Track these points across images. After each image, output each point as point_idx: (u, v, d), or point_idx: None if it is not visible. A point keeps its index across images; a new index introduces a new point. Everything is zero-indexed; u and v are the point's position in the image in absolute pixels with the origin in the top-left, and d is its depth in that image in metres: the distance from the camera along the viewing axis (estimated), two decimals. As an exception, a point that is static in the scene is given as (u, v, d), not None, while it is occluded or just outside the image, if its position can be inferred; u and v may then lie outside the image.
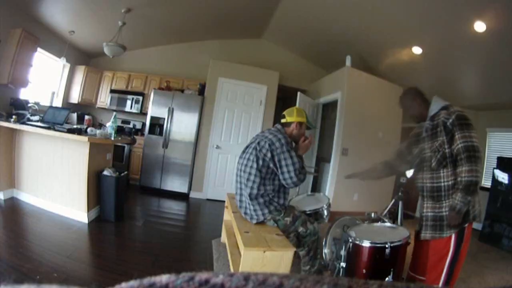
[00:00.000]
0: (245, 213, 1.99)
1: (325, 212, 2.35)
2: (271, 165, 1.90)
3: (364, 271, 1.67)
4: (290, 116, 2.07)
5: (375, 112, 4.41)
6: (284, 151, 1.88)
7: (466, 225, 1.62)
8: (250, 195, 1.92)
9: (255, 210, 1.92)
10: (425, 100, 1.80)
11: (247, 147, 2.10)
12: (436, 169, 1.66)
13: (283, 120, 2.10)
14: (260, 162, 1.91)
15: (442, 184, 1.65)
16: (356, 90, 4.26)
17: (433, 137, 1.69)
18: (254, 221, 1.92)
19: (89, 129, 2.98)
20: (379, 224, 1.96)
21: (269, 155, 1.89)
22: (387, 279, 1.62)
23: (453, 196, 1.58)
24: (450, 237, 1.63)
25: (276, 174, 1.93)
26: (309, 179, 5.02)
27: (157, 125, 4.58)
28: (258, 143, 1.96)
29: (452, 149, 1.60)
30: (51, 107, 3.83)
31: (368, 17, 3.70)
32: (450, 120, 1.60)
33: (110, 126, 3.00)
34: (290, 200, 2.47)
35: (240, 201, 2.04)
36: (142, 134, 4.98)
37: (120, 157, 4.70)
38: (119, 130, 3.73)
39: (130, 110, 5.13)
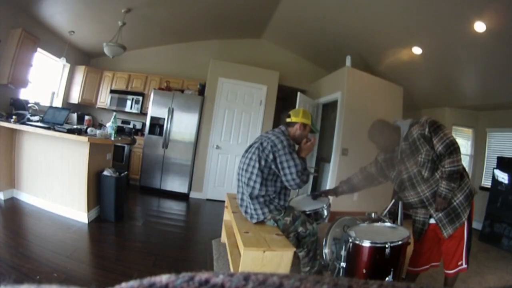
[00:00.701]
0: (246, 212, 1.99)
1: (325, 212, 2.35)
2: (273, 166, 1.90)
3: (364, 271, 1.67)
4: (296, 116, 2.08)
5: (375, 112, 4.39)
6: (286, 152, 1.88)
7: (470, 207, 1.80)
8: (250, 194, 1.93)
9: (255, 209, 1.92)
10: (391, 128, 1.93)
11: (250, 146, 2.10)
12: (430, 176, 1.79)
13: (288, 119, 2.11)
14: (262, 163, 1.91)
15: (440, 178, 1.79)
16: (356, 90, 4.26)
17: (414, 154, 1.81)
18: (254, 221, 1.92)
19: (89, 129, 2.98)
20: (379, 224, 1.96)
21: (271, 156, 1.89)
22: (387, 279, 1.62)
23: (439, 185, 1.76)
24: (464, 222, 1.80)
25: (278, 176, 1.94)
26: (309, 179, 5.02)
27: (157, 125, 4.58)
28: (261, 143, 1.97)
29: (436, 151, 1.75)
30: (51, 107, 3.83)
31: (368, 17, 3.70)
32: (427, 129, 1.75)
33: (110, 126, 3.00)
34: (290, 200, 2.47)
35: (241, 199, 2.05)
36: (142, 134, 4.98)
37: (120, 157, 4.70)
38: (119, 130, 3.72)
39: (130, 110, 5.13)
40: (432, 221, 1.90)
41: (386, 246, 1.59)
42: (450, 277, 1.88)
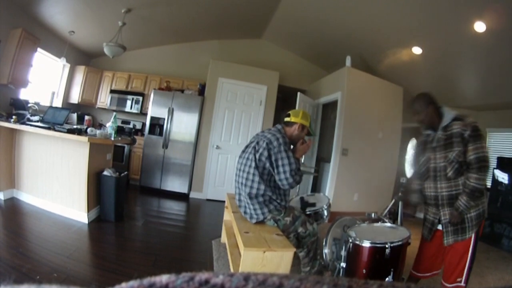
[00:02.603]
0: (245, 212, 1.99)
1: (325, 212, 2.35)
2: (268, 164, 1.90)
3: (364, 271, 1.67)
4: (295, 117, 2.07)
5: (375, 112, 4.41)
6: (281, 150, 1.88)
7: (480, 224, 1.74)
8: (249, 194, 1.92)
9: (254, 209, 1.92)
10: (437, 108, 1.81)
11: (246, 146, 2.10)
12: (453, 178, 1.72)
13: (287, 119, 2.10)
14: (259, 162, 1.91)
15: (461, 190, 1.71)
16: (356, 90, 4.26)
17: (447, 147, 1.74)
18: (254, 221, 1.92)
19: (89, 129, 2.98)
20: (379, 224, 1.96)
21: (265, 154, 1.89)
22: (387, 279, 1.62)
23: (459, 197, 1.69)
24: (471, 237, 1.73)
25: (273, 175, 1.93)
26: (309, 179, 5.02)
27: (157, 125, 4.58)
28: (257, 142, 1.97)
29: (467, 157, 1.67)
30: (51, 107, 3.83)
31: (368, 17, 3.70)
32: (468, 132, 1.66)
33: (110, 126, 3.00)
34: (290, 200, 2.47)
35: (239, 200, 2.04)
36: (142, 134, 4.98)
37: (120, 157, 4.70)
38: (119, 130, 3.72)
39: (130, 110, 5.13)
40: (440, 227, 1.85)
41: (386, 246, 1.59)
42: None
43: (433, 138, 1.83)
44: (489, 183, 4.29)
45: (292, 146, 2.07)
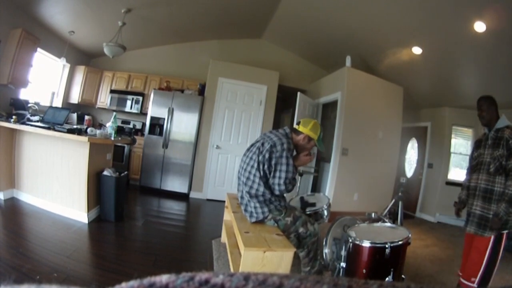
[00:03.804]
0: (245, 210, 1.99)
1: (325, 212, 2.35)
2: (266, 166, 1.90)
3: (364, 271, 1.67)
4: (304, 127, 2.03)
5: (375, 112, 4.41)
6: (283, 156, 1.88)
7: (505, 232, 1.89)
8: (249, 193, 1.93)
9: (255, 208, 1.92)
10: (497, 111, 2.09)
11: (252, 145, 2.10)
12: (493, 173, 1.92)
13: (296, 126, 2.08)
14: (260, 164, 1.92)
15: (496, 188, 1.90)
16: (356, 90, 4.26)
17: (494, 147, 1.96)
18: (253, 219, 1.92)
19: (89, 129, 2.98)
20: (379, 224, 1.96)
21: (267, 155, 1.89)
22: (387, 279, 1.62)
23: (499, 205, 1.86)
24: (490, 238, 1.89)
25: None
26: (309, 179, 5.02)
27: (157, 125, 4.58)
28: (263, 144, 1.97)
29: (507, 163, 1.88)
30: (51, 107, 3.83)
31: (368, 17, 3.70)
32: None
33: (110, 126, 3.00)
34: (290, 200, 2.47)
35: (242, 197, 2.05)
36: (142, 134, 4.98)
37: (120, 157, 4.70)
38: (119, 130, 3.72)
39: (130, 110, 5.13)
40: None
41: (386, 246, 1.60)
42: (462, 286, 1.96)
43: (487, 136, 2.06)
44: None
45: (295, 153, 2.07)
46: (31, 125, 2.77)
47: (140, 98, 5.12)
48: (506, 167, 1.87)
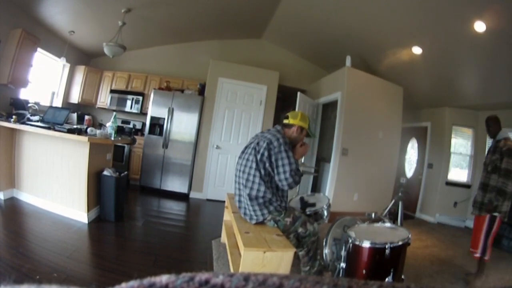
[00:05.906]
0: (245, 214, 1.98)
1: (325, 213, 2.35)
2: (267, 164, 1.89)
3: (364, 271, 1.67)
4: (294, 119, 2.06)
5: (375, 112, 4.41)
6: (282, 150, 1.88)
7: (498, 215, 2.46)
8: (249, 195, 1.92)
9: (254, 211, 1.91)
10: (500, 127, 2.65)
11: (246, 147, 2.09)
12: (490, 172, 2.55)
13: (285, 121, 2.10)
14: (259, 163, 1.91)
15: (490, 182, 2.53)
16: (356, 90, 4.26)
17: (493, 152, 2.58)
18: (254, 222, 1.92)
19: (89, 129, 2.98)
20: (379, 224, 1.96)
21: (266, 154, 1.89)
22: (387, 279, 1.62)
23: (490, 194, 2.50)
24: (485, 217, 2.52)
25: (273, 176, 1.93)
26: (309, 179, 5.02)
27: (157, 125, 4.58)
28: (258, 143, 1.96)
29: (500, 165, 2.47)
30: (51, 107, 3.83)
31: (368, 18, 3.70)
32: (504, 149, 2.48)
33: (110, 126, 3.00)
34: (290, 200, 2.47)
35: (239, 201, 2.04)
36: (142, 134, 4.98)
37: (120, 157, 4.70)
38: (119, 130, 3.72)
39: (130, 110, 5.13)
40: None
41: (386, 246, 1.59)
42: (472, 254, 2.61)
43: (494, 146, 2.63)
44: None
45: (291, 147, 2.07)
46: (31, 125, 2.77)
47: (140, 98, 5.12)
48: (500, 167, 2.47)
